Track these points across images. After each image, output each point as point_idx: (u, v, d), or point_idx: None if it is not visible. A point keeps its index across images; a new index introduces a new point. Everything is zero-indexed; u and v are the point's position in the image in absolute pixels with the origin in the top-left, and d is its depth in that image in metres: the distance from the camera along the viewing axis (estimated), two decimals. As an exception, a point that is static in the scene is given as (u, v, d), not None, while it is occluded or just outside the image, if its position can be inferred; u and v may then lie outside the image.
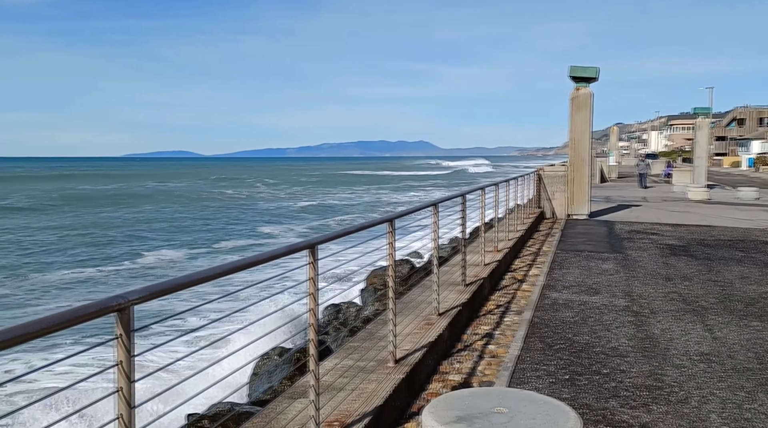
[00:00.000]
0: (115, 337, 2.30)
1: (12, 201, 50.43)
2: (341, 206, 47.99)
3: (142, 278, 19.88)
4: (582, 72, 18.82)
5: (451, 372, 6.05)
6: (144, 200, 52.72)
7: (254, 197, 58.76)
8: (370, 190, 69.58)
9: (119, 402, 2.28)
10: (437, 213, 7.13)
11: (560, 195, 19.79)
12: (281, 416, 4.40)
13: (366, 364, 5.53)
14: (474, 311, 8.25)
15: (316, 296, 4.08)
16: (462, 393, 4.17)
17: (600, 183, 38.64)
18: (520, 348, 6.67)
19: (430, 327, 6.70)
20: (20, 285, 18.73)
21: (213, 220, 37.52)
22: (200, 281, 2.85)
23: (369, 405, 4.66)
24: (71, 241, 28.35)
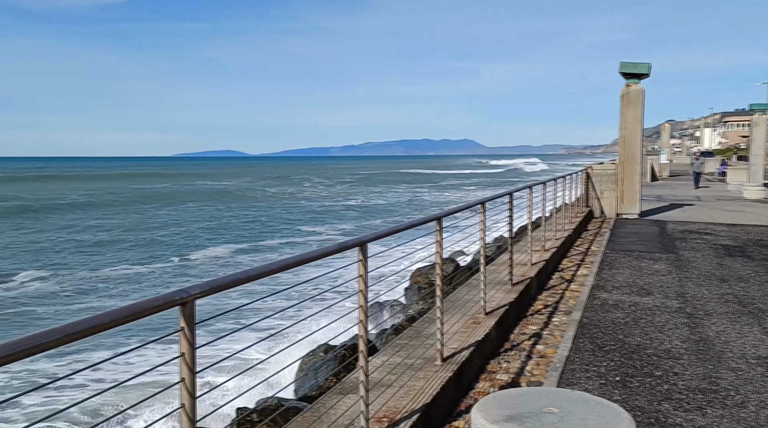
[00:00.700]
0: (179, 330, 2.39)
1: (72, 199, 52.06)
2: (397, 206, 47.94)
3: (202, 275, 20.38)
4: (633, 68, 18.41)
5: (498, 371, 6.03)
6: (202, 198, 53.74)
7: (314, 196, 59.31)
8: (422, 189, 68.95)
9: (183, 392, 2.37)
10: (484, 212, 7.10)
11: (609, 194, 19.40)
12: (331, 411, 4.47)
13: (413, 362, 5.56)
14: (521, 310, 8.19)
15: (366, 293, 4.13)
16: (511, 392, 4.16)
17: (651, 182, 37.72)
18: (569, 348, 6.60)
19: (477, 325, 6.68)
20: (80, 280, 19.42)
21: (272, 219, 38.10)
22: (257, 276, 2.93)
23: (417, 402, 4.69)
24: (126, 239, 29.22)
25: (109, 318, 1.98)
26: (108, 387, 2.67)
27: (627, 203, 19.08)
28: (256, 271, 2.97)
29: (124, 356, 10.03)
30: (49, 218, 36.66)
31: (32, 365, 10.58)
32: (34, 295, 17.36)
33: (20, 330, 13.67)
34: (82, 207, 44.82)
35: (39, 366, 10.63)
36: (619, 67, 18.49)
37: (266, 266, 3.10)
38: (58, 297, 17.10)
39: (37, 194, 57.90)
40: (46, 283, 18.90)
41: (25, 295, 17.37)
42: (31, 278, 19.51)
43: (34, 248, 25.68)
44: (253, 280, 2.91)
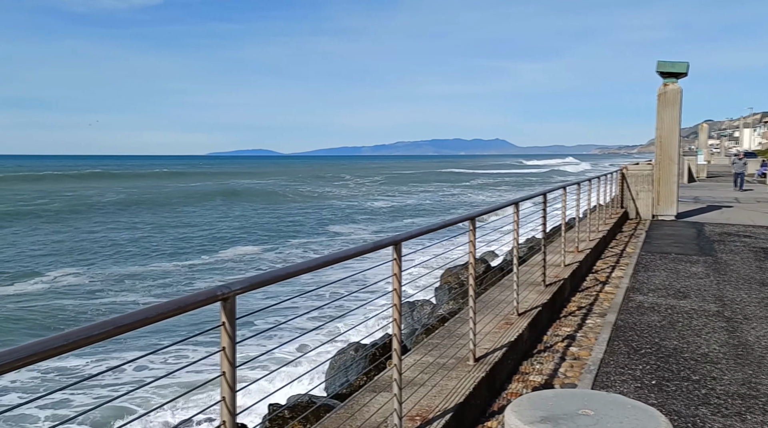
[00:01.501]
0: (220, 324, 2.45)
1: (112, 197, 52.96)
2: (430, 206, 47.74)
3: (241, 271, 20.69)
4: (670, 67, 18.07)
5: (531, 372, 5.99)
6: (237, 197, 54.28)
7: (344, 195, 59.48)
8: (462, 189, 67.93)
9: (224, 385, 2.43)
10: (518, 212, 7.06)
11: (645, 195, 19.08)
12: (364, 408, 4.50)
13: (446, 361, 5.56)
14: (554, 312, 8.12)
15: (400, 292, 4.15)
16: (546, 393, 4.14)
17: (688, 183, 36.97)
18: (603, 351, 6.53)
19: (509, 326, 6.65)
20: (117, 277, 19.85)
21: (302, 218, 38.41)
22: (295, 273, 2.97)
23: (450, 401, 4.70)
24: (160, 237, 29.75)
25: (155, 312, 2.04)
26: (152, 380, 2.75)
27: (663, 204, 18.75)
28: (294, 268, 3.02)
29: (159, 353, 10.23)
30: (96, 217, 37.23)
31: (77, 359, 10.87)
32: (70, 290, 17.80)
33: (65, 325, 14.04)
34: (132, 205, 45.32)
35: (83, 360, 10.91)
36: (656, 66, 18.17)
37: (304, 264, 3.15)
38: (95, 292, 17.50)
39: (87, 191, 58.91)
40: (79, 278, 19.37)
41: (62, 290, 17.81)
42: (64, 274, 20.01)
43: (79, 246, 26.24)
44: (291, 277, 2.96)
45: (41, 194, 56.83)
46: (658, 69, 18.16)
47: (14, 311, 15.23)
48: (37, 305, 15.92)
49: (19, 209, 41.30)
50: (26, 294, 17.18)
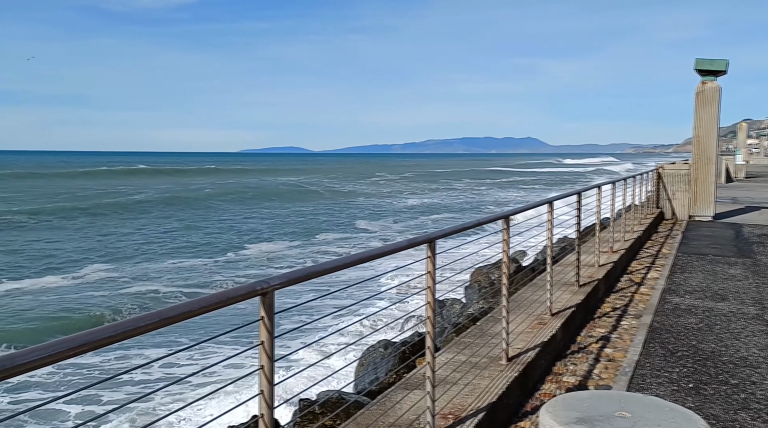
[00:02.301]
0: (259, 319, 2.48)
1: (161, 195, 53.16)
2: (465, 205, 47.37)
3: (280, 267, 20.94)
4: (709, 65, 17.68)
5: (565, 373, 5.93)
6: (271, 195, 54.64)
7: (374, 192, 59.45)
8: (509, 189, 66.20)
9: (262, 378, 2.46)
10: (552, 211, 7.00)
11: (681, 195, 18.71)
12: (397, 406, 4.51)
13: (478, 360, 5.54)
14: (588, 312, 8.02)
15: (434, 290, 4.15)
16: (581, 394, 4.10)
17: (726, 183, 36.13)
18: (639, 353, 6.43)
19: (542, 326, 6.60)
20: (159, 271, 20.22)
21: (332, 215, 38.60)
22: (332, 270, 2.99)
23: (482, 401, 4.68)
24: (190, 234, 30.19)
25: (198, 305, 2.08)
26: (192, 373, 2.80)
27: (700, 204, 18.36)
28: (330, 264, 3.04)
29: (188, 348, 10.41)
30: (141, 214, 37.66)
31: (117, 352, 11.11)
32: (105, 285, 18.18)
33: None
34: (186, 201, 45.53)
35: (124, 353, 11.15)
36: (694, 64, 17.80)
37: (340, 260, 3.17)
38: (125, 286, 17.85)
39: (128, 188, 59.54)
40: (111, 274, 19.77)
41: (94, 285, 18.20)
42: (97, 270, 20.44)
43: (129, 243, 26.71)
44: (327, 273, 2.98)
45: (105, 189, 57.53)
46: (696, 67, 17.77)
47: (71, 302, 15.64)
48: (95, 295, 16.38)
49: (98, 203, 41.57)
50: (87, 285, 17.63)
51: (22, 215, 35.11)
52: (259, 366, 2.45)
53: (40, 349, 1.49)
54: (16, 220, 33.29)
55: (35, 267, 20.49)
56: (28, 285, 17.67)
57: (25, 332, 12.84)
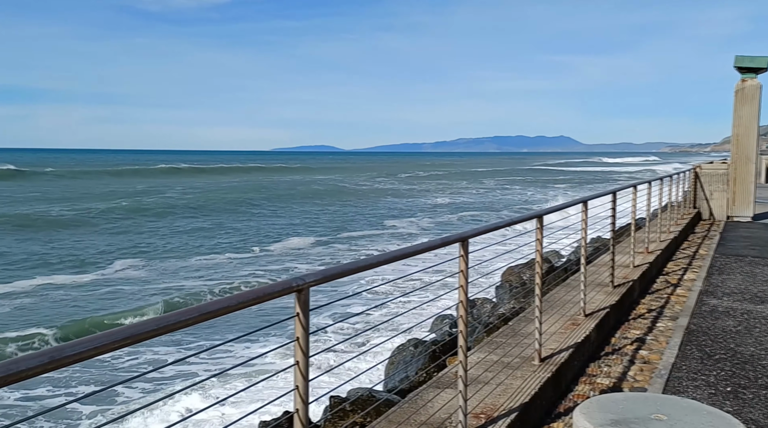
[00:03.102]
0: (294, 315, 2.51)
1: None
2: (499, 204, 46.87)
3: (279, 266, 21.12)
4: (749, 62, 17.24)
5: (599, 375, 5.86)
6: (308, 193, 54.82)
7: (403, 191, 59.28)
8: (556, 189, 64.16)
9: (297, 374, 2.49)
10: (586, 211, 6.93)
11: (719, 195, 18.30)
12: (428, 404, 4.51)
13: (510, 360, 5.51)
14: (623, 314, 7.91)
15: (466, 288, 4.14)
16: (615, 396, 4.05)
17: (765, 183, 35.21)
18: (675, 355, 6.31)
19: (576, 327, 6.53)
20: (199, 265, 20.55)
21: (364, 213, 38.72)
22: (364, 268, 3.01)
23: (515, 401, 4.65)
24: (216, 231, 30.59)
25: (236, 301, 2.12)
26: (228, 368, 2.85)
27: (739, 205, 17.93)
28: (364, 262, 3.06)
29: (220, 344, 10.56)
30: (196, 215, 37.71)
31: (152, 347, 11.34)
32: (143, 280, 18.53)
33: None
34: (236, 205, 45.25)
35: (161, 348, 11.38)
36: (734, 61, 17.38)
37: (373, 258, 3.19)
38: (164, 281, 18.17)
39: (177, 187, 59.51)
40: (139, 270, 20.13)
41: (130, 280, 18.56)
42: (125, 266, 20.83)
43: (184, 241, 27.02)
44: (361, 271, 3.00)
45: (158, 187, 57.88)
46: (735, 64, 17.36)
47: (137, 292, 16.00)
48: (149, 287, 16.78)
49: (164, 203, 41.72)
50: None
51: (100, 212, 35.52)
52: (295, 362, 2.48)
53: (87, 341, 1.54)
54: (108, 217, 33.78)
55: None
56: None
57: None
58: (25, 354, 1.45)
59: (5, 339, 12.05)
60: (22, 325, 13.16)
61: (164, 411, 8.04)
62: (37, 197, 47.34)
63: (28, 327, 12.97)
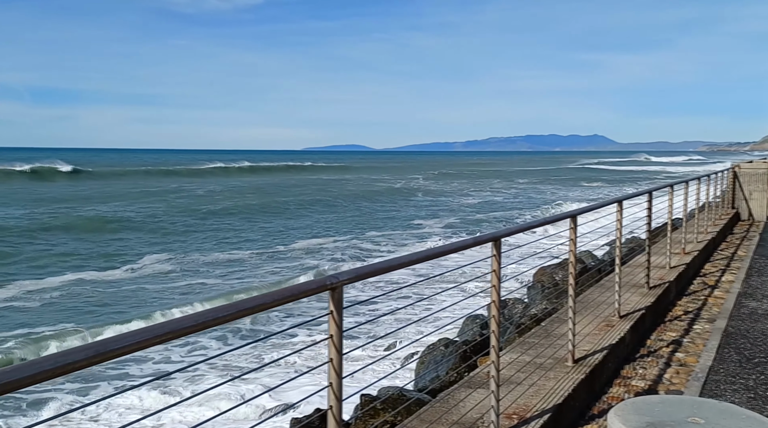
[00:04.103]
0: (328, 313, 2.53)
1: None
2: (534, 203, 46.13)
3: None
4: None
5: (634, 377, 5.78)
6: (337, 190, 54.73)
7: (434, 190, 58.94)
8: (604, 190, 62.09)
9: (331, 371, 2.52)
10: (621, 211, 6.83)
11: (759, 195, 17.83)
12: (460, 404, 4.51)
13: (543, 361, 5.47)
14: (659, 315, 7.78)
15: (499, 288, 4.12)
16: (651, 399, 3.99)
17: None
18: (712, 358, 6.19)
19: (610, 328, 6.45)
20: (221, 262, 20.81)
21: (394, 211, 38.74)
22: (397, 267, 3.02)
23: (548, 402, 4.62)
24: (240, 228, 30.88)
25: (271, 298, 2.16)
26: (264, 364, 2.88)
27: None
28: (397, 261, 3.07)
29: (254, 341, 10.68)
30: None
31: (189, 343, 11.53)
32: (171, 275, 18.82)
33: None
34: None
35: (193, 345, 11.57)
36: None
37: (405, 257, 3.20)
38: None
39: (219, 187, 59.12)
40: (165, 265, 20.44)
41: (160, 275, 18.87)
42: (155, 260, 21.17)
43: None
44: (394, 269, 3.01)
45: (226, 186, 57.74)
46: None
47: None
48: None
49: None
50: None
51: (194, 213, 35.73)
52: (328, 359, 2.51)
53: (130, 336, 1.58)
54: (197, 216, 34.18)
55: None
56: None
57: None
58: (72, 347, 1.49)
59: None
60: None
61: (197, 407, 8.16)
62: (114, 195, 46.76)
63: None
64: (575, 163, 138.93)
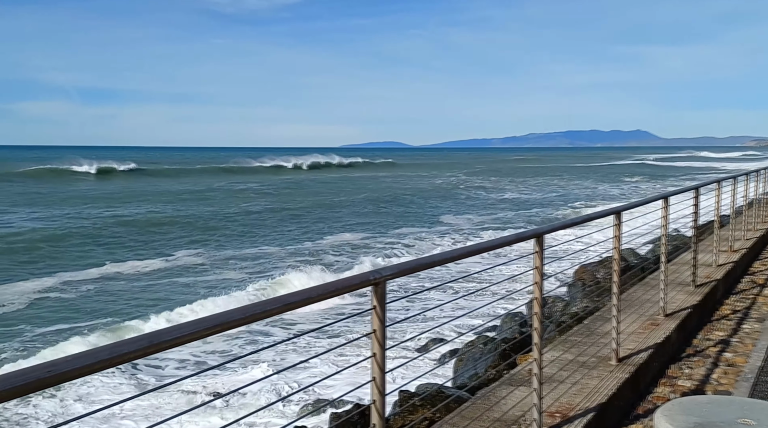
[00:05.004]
0: (371, 308, 2.54)
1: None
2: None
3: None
4: None
5: (680, 377, 5.64)
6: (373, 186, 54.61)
7: (469, 186, 58.36)
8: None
9: (374, 366, 2.53)
10: (667, 207, 6.69)
11: (812, 191, 17.20)
12: (502, 401, 4.48)
13: (586, 359, 5.39)
14: (705, 314, 7.58)
15: (541, 285, 4.07)
16: (699, 399, 3.90)
17: None
18: (762, 358, 6.01)
19: (655, 327, 6.31)
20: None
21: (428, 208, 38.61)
22: (440, 262, 3.02)
23: (591, 401, 4.55)
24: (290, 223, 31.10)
25: (316, 293, 2.18)
26: (306, 359, 2.91)
27: (834, 201, 16.81)
28: (438, 257, 3.07)
29: (294, 336, 10.78)
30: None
31: (231, 338, 11.72)
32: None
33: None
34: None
35: (233, 341, 11.76)
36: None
37: (447, 253, 3.19)
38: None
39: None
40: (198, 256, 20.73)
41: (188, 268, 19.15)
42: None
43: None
44: (436, 265, 3.01)
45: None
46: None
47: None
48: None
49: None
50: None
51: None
52: (372, 354, 2.52)
53: (182, 327, 1.62)
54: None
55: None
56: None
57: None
58: (126, 338, 1.53)
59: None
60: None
61: (239, 401, 8.28)
62: (192, 192, 46.90)
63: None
64: (625, 159, 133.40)
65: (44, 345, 11.67)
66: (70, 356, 1.36)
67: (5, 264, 19.93)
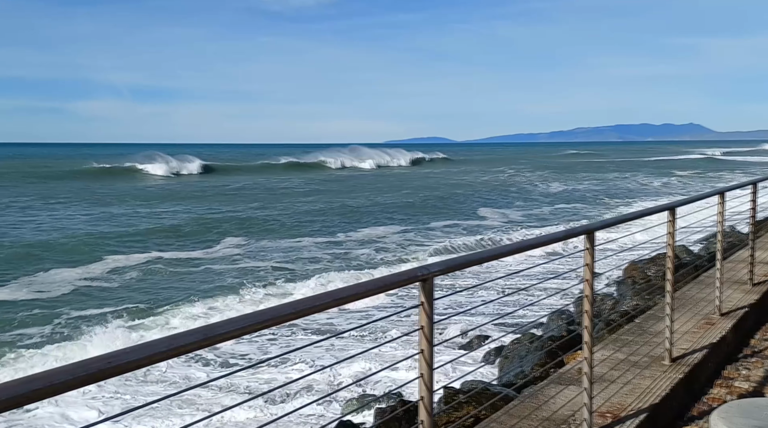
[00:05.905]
0: (419, 304, 2.54)
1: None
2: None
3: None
4: None
5: (737, 378, 5.46)
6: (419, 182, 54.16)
7: (514, 181, 57.40)
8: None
9: (422, 362, 2.52)
10: (723, 203, 6.47)
11: None
12: (551, 400, 4.41)
13: (638, 359, 5.26)
14: (763, 314, 7.30)
15: (592, 283, 3.99)
16: (758, 401, 3.77)
17: None
18: (826, 361, 5.75)
19: (710, 326, 6.12)
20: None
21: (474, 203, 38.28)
22: (487, 259, 2.99)
23: (643, 401, 4.44)
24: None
25: (364, 288, 2.19)
26: (354, 354, 2.93)
27: None
28: (487, 253, 3.04)
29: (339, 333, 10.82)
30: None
31: (275, 333, 11.88)
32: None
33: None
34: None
35: (284, 334, 11.91)
36: None
37: (496, 249, 3.17)
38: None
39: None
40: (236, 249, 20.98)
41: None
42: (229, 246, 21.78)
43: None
44: (484, 261, 2.98)
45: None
46: None
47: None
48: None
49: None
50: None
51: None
52: (419, 350, 2.51)
53: (235, 321, 1.65)
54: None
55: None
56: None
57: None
58: (182, 331, 1.57)
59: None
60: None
61: (285, 395, 8.39)
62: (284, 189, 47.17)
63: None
64: (687, 154, 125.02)
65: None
66: (129, 348, 1.40)
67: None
